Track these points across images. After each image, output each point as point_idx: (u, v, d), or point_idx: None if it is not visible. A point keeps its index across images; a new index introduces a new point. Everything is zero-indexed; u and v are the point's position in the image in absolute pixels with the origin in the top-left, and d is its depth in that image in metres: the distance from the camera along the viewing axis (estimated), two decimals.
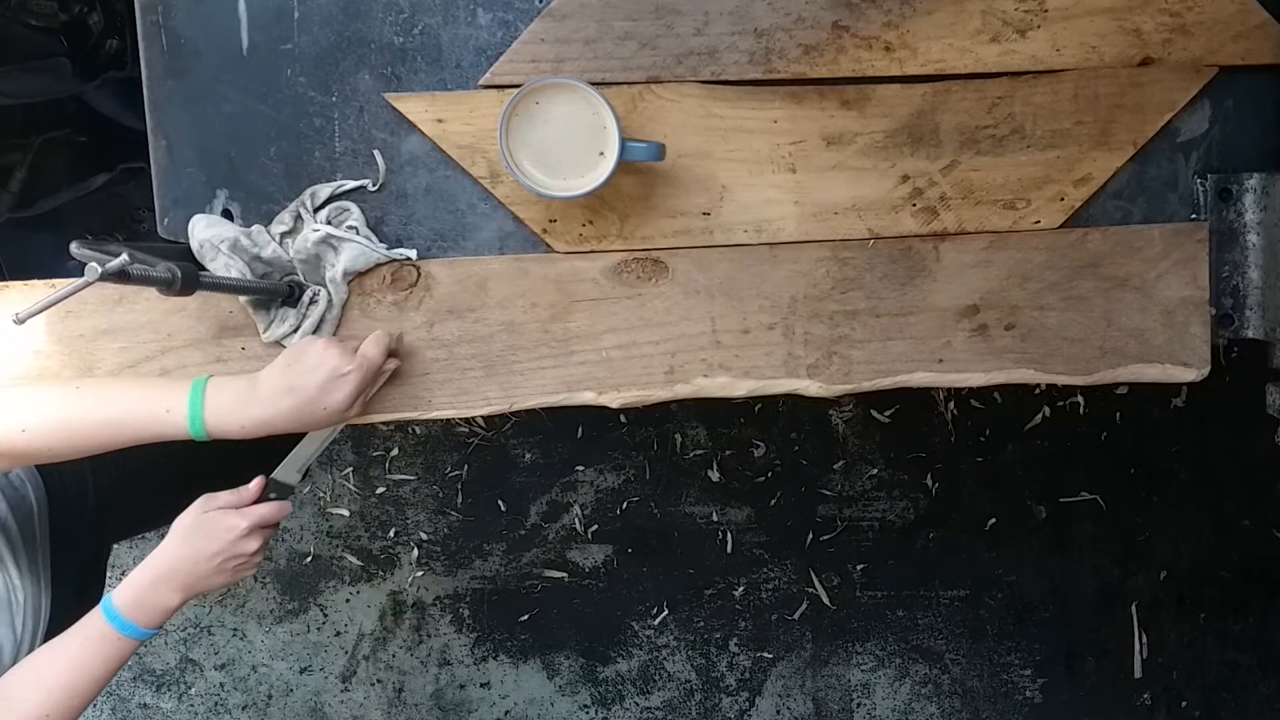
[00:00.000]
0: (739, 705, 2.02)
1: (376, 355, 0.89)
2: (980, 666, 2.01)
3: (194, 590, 0.92)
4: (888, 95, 0.96)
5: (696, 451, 1.97)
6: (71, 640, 0.91)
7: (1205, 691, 2.00)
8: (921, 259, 0.98)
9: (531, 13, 0.95)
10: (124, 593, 0.91)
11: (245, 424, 0.86)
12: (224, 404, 0.86)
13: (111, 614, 0.90)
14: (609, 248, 0.97)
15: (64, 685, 0.89)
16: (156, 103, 0.95)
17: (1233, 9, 0.95)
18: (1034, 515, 1.98)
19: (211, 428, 0.86)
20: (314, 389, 0.86)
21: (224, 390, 0.87)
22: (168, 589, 0.91)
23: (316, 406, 0.86)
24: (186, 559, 0.91)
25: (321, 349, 0.87)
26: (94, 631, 0.90)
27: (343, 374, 0.86)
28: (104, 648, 0.90)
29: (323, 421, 0.88)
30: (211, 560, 0.91)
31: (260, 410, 0.86)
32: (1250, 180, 0.97)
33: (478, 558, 2.00)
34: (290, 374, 0.86)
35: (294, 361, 0.87)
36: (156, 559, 0.91)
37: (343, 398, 0.87)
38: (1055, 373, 0.99)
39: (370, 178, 0.96)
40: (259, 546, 0.94)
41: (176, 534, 0.92)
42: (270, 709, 2.04)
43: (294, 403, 0.86)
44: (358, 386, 0.87)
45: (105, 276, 0.71)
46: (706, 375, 0.98)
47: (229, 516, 0.92)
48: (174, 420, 0.86)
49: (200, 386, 0.87)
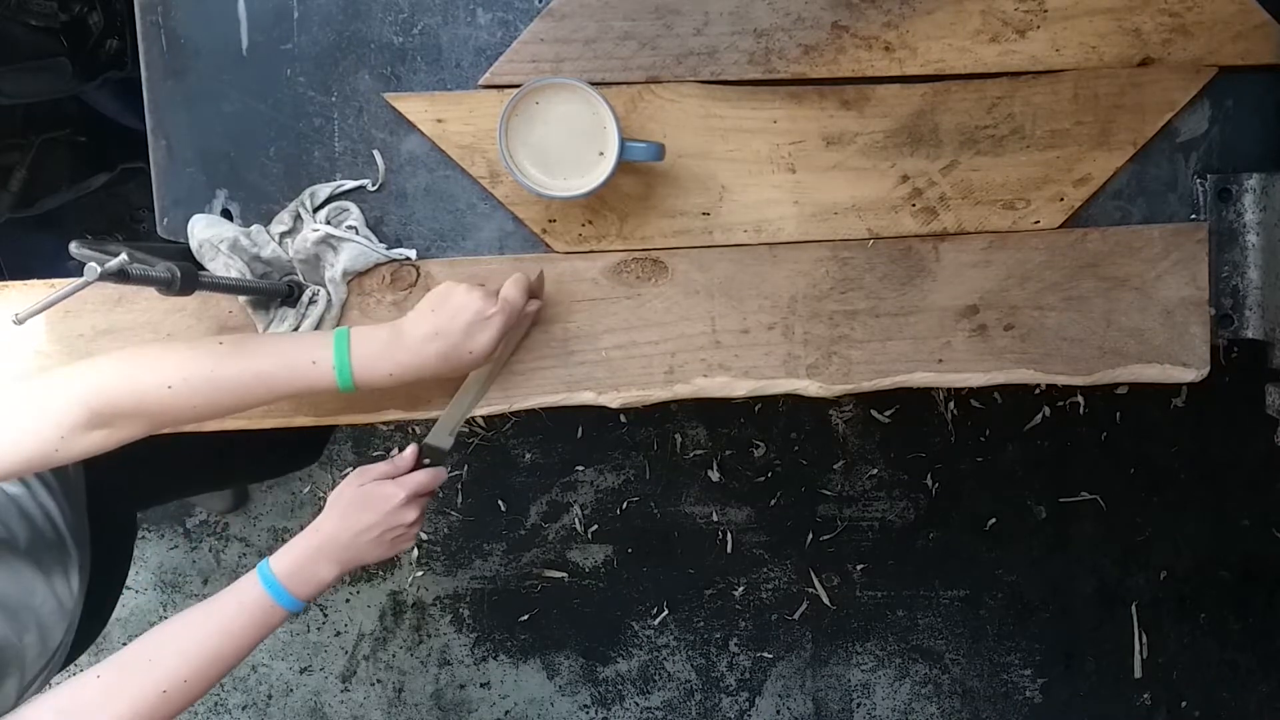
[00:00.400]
0: (739, 705, 2.02)
1: (518, 297, 0.89)
2: (980, 666, 2.01)
3: (352, 563, 0.91)
4: (887, 95, 0.96)
5: (696, 451, 1.97)
6: (223, 605, 0.88)
7: (1205, 691, 2.00)
8: (921, 259, 0.98)
9: (531, 13, 0.95)
10: (283, 561, 0.89)
11: (394, 370, 0.86)
12: (370, 352, 0.86)
13: (270, 582, 0.88)
14: (608, 248, 0.97)
15: (208, 651, 0.86)
16: (156, 103, 0.95)
17: (1233, 9, 0.95)
18: (1034, 515, 1.97)
19: (359, 376, 0.85)
20: (459, 332, 0.86)
21: (369, 338, 0.86)
22: (327, 561, 0.90)
23: (463, 350, 0.86)
24: (346, 532, 0.90)
25: (465, 292, 0.87)
26: (249, 598, 0.88)
27: (487, 316, 0.86)
28: (256, 615, 0.88)
29: (468, 365, 0.88)
30: (371, 532, 0.90)
31: (407, 356, 0.86)
32: (1250, 180, 0.97)
33: (478, 558, 2.00)
34: (435, 318, 0.86)
35: (438, 306, 0.87)
36: (317, 531, 0.90)
37: (488, 340, 0.87)
38: (1055, 373, 0.99)
39: (370, 178, 0.96)
40: (417, 516, 0.93)
41: (335, 507, 0.91)
42: (270, 709, 2.04)
43: (441, 347, 0.86)
44: (502, 328, 0.87)
45: (105, 276, 0.71)
46: (706, 375, 0.98)
47: (386, 486, 0.91)
48: (321, 371, 0.85)
49: (344, 336, 0.86)
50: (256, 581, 0.88)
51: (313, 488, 1.99)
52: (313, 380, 0.85)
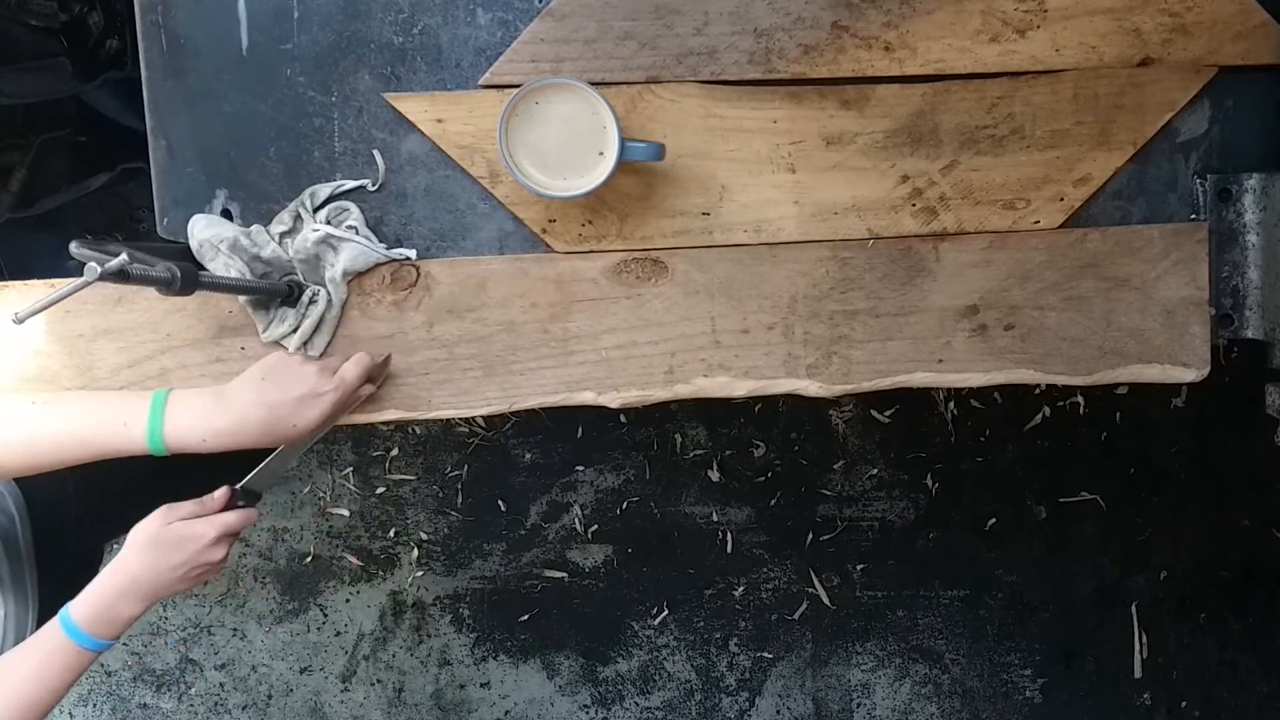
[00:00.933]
0: (739, 705, 2.02)
1: (355, 378, 0.89)
2: (980, 666, 2.01)
3: (155, 599, 0.90)
4: (887, 95, 0.96)
5: (696, 451, 1.97)
6: (29, 653, 0.88)
7: (1205, 691, 2.00)
8: (921, 259, 0.98)
9: (531, 13, 0.95)
10: (83, 606, 0.88)
11: (208, 437, 0.85)
12: (187, 417, 0.85)
13: (70, 628, 0.88)
14: (608, 248, 0.97)
15: (21, 698, 0.86)
16: (156, 103, 0.95)
17: (1233, 9, 0.95)
18: (1034, 515, 1.97)
19: (171, 442, 0.85)
20: (288, 406, 0.85)
21: (187, 403, 0.86)
22: (129, 600, 0.89)
23: (287, 424, 0.86)
24: (149, 569, 0.89)
25: (299, 366, 0.87)
26: (52, 645, 0.88)
27: (319, 394, 0.86)
28: (63, 660, 0.88)
29: (289, 438, 0.87)
30: (176, 570, 0.89)
31: (226, 422, 0.85)
32: (1250, 180, 0.97)
33: (478, 558, 2.00)
34: (264, 388, 0.86)
35: (268, 375, 0.87)
36: (118, 571, 0.89)
37: (315, 416, 0.86)
38: (1055, 373, 0.99)
39: (370, 177, 0.96)
40: (225, 554, 0.92)
41: (138, 545, 0.89)
42: (270, 709, 2.04)
43: (264, 416, 0.85)
44: (332, 408, 0.87)
45: (105, 276, 0.71)
46: (706, 375, 0.98)
47: (195, 525, 0.90)
48: (132, 434, 0.85)
49: (161, 399, 0.86)
50: (58, 628, 0.88)
51: (312, 487, 1.99)
52: (123, 442, 0.85)
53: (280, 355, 0.90)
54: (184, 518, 0.91)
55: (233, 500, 0.95)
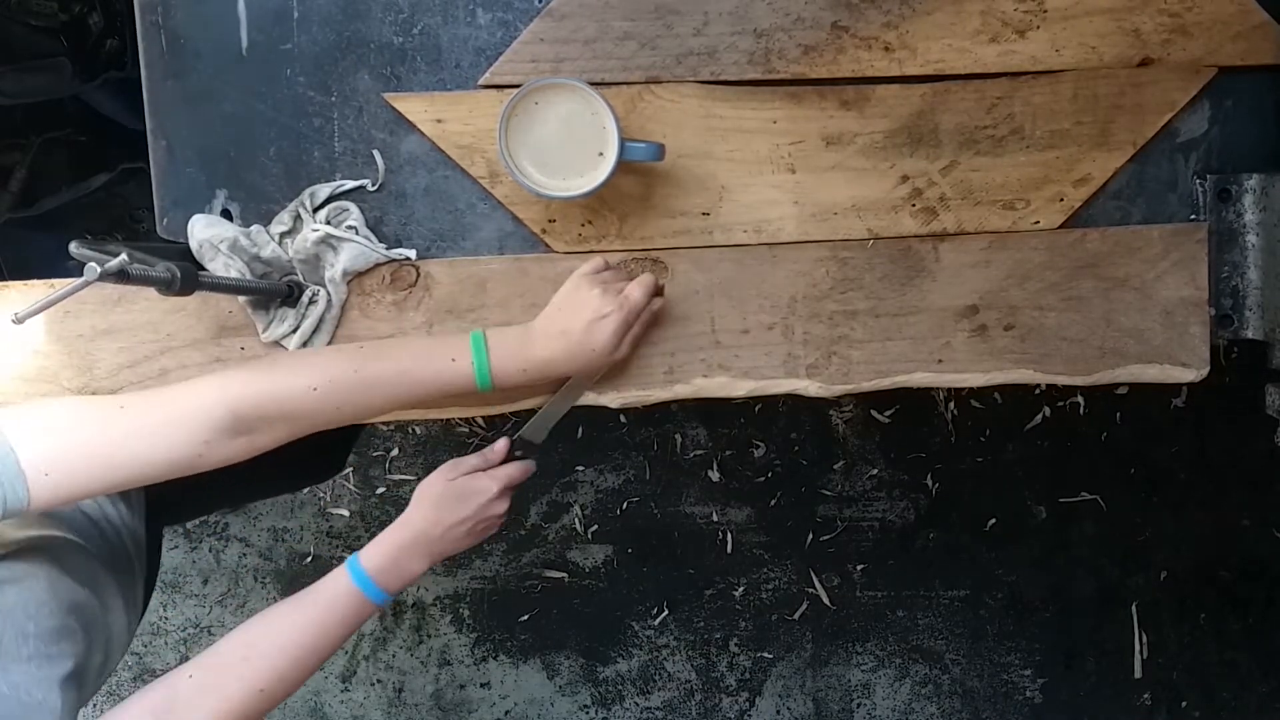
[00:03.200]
0: (739, 705, 2.02)
1: (640, 297, 0.90)
2: (980, 666, 2.01)
3: (441, 555, 0.92)
4: (887, 95, 0.96)
5: (696, 451, 1.97)
6: (315, 600, 0.88)
7: (1205, 691, 2.00)
8: (921, 259, 0.98)
9: (531, 13, 0.95)
10: (374, 557, 0.90)
11: (527, 366, 0.89)
12: (506, 350, 0.88)
13: (361, 577, 0.89)
14: (608, 248, 0.97)
15: (303, 646, 0.86)
16: (156, 103, 0.95)
17: (1232, 9, 0.95)
18: (1034, 515, 1.97)
19: (497, 374, 0.88)
20: (579, 330, 0.88)
21: (503, 338, 0.89)
22: (417, 555, 0.91)
23: (585, 347, 0.89)
24: (437, 524, 0.91)
25: (587, 289, 0.89)
26: (340, 593, 0.89)
27: (604, 315, 0.88)
28: (349, 610, 0.89)
29: (595, 360, 0.90)
30: (464, 525, 0.92)
31: (539, 351, 0.89)
32: (1250, 181, 0.97)
33: (478, 558, 2.00)
34: (559, 317, 0.89)
35: (563, 304, 0.90)
36: (408, 525, 0.91)
37: (606, 338, 0.88)
38: (1055, 373, 0.99)
39: (369, 178, 0.96)
40: (506, 508, 0.94)
41: (426, 501, 0.91)
42: None
43: (566, 344, 0.88)
44: (619, 327, 0.89)
45: (104, 276, 0.71)
46: (706, 375, 0.98)
47: (478, 480, 0.93)
48: (460, 369, 0.87)
49: (480, 337, 0.89)
50: (347, 577, 0.89)
51: (312, 488, 1.99)
52: (452, 378, 0.88)
53: (574, 279, 0.91)
54: (467, 472, 0.93)
55: (511, 452, 0.97)
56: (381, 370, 0.87)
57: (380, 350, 0.89)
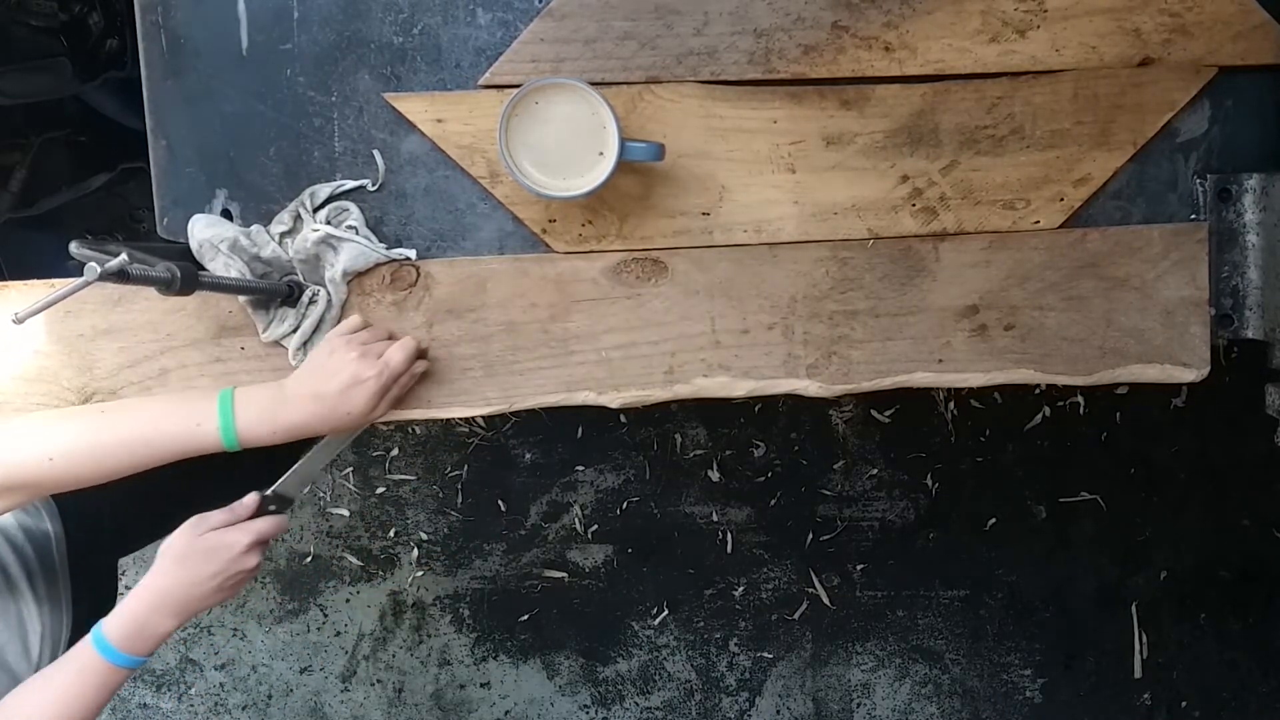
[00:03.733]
0: (739, 705, 2.02)
1: (400, 361, 0.89)
2: (980, 666, 2.01)
3: (190, 613, 0.90)
4: (887, 95, 0.96)
5: (696, 451, 1.97)
6: (63, 671, 0.88)
7: (1205, 691, 2.00)
8: (921, 259, 0.98)
9: (531, 13, 0.95)
10: (116, 624, 0.88)
11: (276, 429, 0.87)
12: (254, 412, 0.86)
13: (103, 645, 0.88)
14: (608, 248, 0.97)
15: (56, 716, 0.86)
16: (156, 103, 0.95)
17: (1233, 9, 0.95)
18: (1034, 515, 1.97)
19: (244, 436, 0.86)
20: (334, 395, 0.86)
21: (252, 398, 0.87)
22: (163, 616, 0.89)
23: (340, 411, 0.87)
24: (183, 583, 0.89)
25: (342, 355, 0.88)
26: (86, 663, 0.88)
27: (361, 380, 0.87)
28: (96, 678, 0.88)
29: (349, 424, 0.89)
30: (211, 581, 0.89)
31: (289, 414, 0.87)
32: (1250, 180, 0.97)
33: (478, 558, 2.00)
34: (314, 380, 0.87)
35: (318, 367, 0.88)
36: (150, 587, 0.89)
37: (363, 403, 0.87)
38: (1055, 373, 0.99)
39: (370, 178, 0.96)
40: (258, 563, 0.92)
41: (170, 559, 0.89)
42: (270, 709, 2.04)
43: (319, 408, 0.87)
44: (377, 392, 0.88)
45: (105, 276, 0.71)
46: (706, 375, 0.98)
47: (228, 534, 0.90)
48: (205, 433, 0.86)
49: (228, 397, 0.87)
50: (90, 647, 0.88)
51: (312, 487, 1.99)
52: (197, 441, 0.86)
53: (329, 341, 0.90)
54: (214, 528, 0.91)
55: (263, 506, 0.95)
56: (122, 438, 0.85)
57: (122, 416, 0.86)
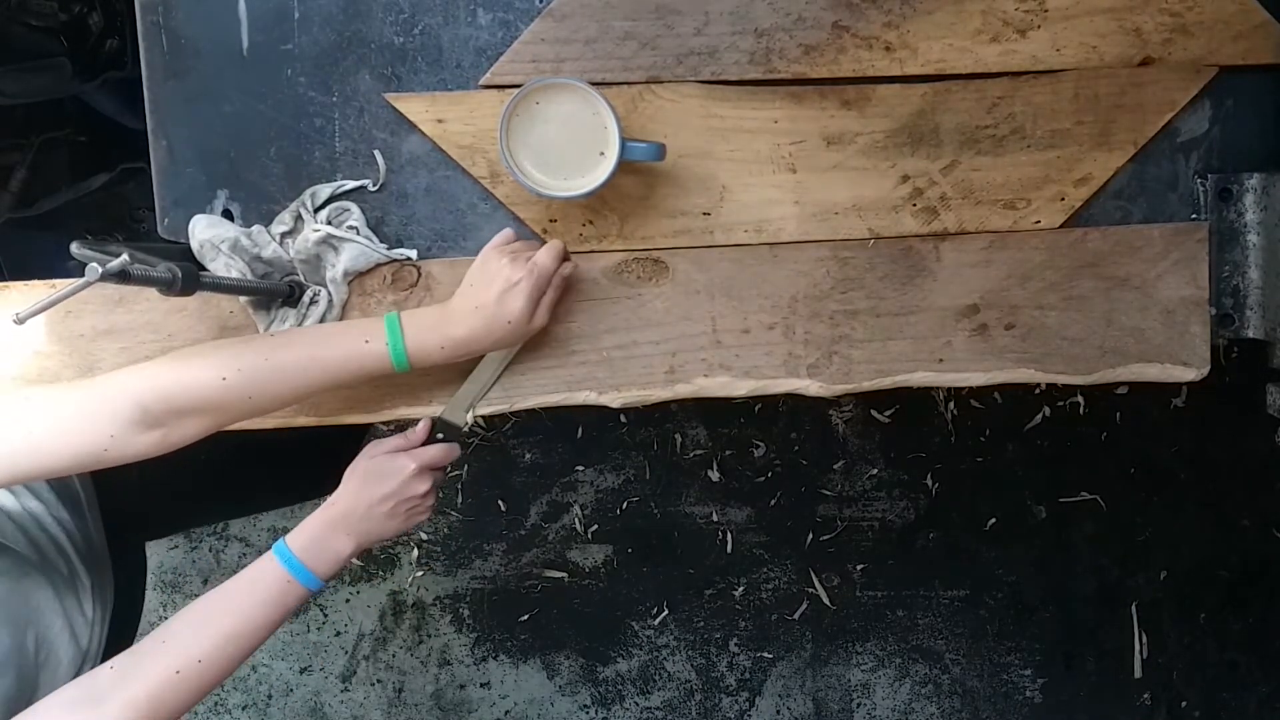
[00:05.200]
0: (739, 705, 2.02)
1: (548, 262, 0.90)
2: (980, 666, 2.01)
3: (367, 536, 0.91)
4: (888, 95, 0.96)
5: (696, 451, 1.97)
6: (239, 584, 0.87)
7: (1205, 691, 2.00)
8: (921, 259, 0.98)
9: (531, 13, 0.95)
10: (299, 537, 0.89)
11: (445, 344, 0.88)
12: (421, 329, 0.87)
13: (287, 558, 0.88)
14: (609, 248, 0.97)
15: (224, 630, 0.85)
16: (156, 103, 0.95)
17: (1233, 9, 0.95)
18: (1034, 515, 1.97)
19: (413, 352, 0.87)
20: (493, 302, 0.87)
21: (418, 318, 0.88)
22: (343, 534, 0.90)
23: (500, 319, 0.88)
24: (360, 503, 0.90)
25: (495, 260, 0.88)
26: (266, 575, 0.87)
27: (514, 283, 0.87)
28: (273, 592, 0.87)
29: (513, 331, 0.89)
30: (384, 503, 0.91)
31: (455, 329, 0.88)
32: (1250, 180, 0.97)
33: (478, 558, 2.00)
34: (472, 292, 0.88)
35: (474, 279, 0.89)
36: (330, 505, 0.91)
37: (520, 306, 0.88)
38: (1055, 372, 0.99)
39: (370, 178, 0.96)
40: (429, 488, 0.93)
41: (350, 478, 0.92)
42: (270, 709, 2.04)
43: (482, 318, 0.87)
44: (530, 293, 0.88)
45: (105, 276, 0.71)
46: (706, 375, 0.98)
47: (398, 458, 0.92)
48: (374, 351, 0.86)
49: (395, 318, 0.88)
50: (272, 558, 0.88)
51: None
52: (367, 360, 0.87)
53: (485, 252, 0.90)
54: (388, 451, 0.93)
55: (433, 433, 0.96)
56: (291, 356, 0.86)
57: (291, 337, 0.87)
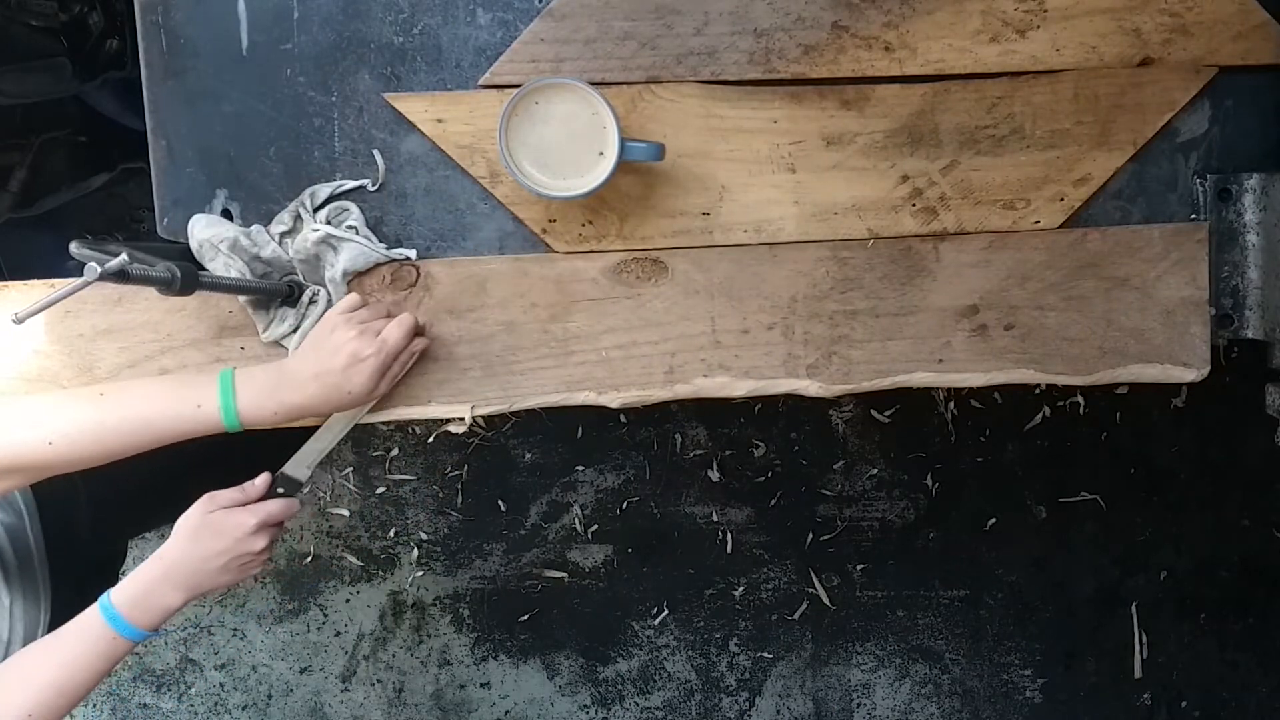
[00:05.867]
0: (739, 705, 2.02)
1: (399, 338, 0.89)
2: (980, 666, 2.01)
3: (198, 590, 0.90)
4: (888, 95, 0.96)
5: (696, 451, 1.97)
6: (65, 638, 0.87)
7: (1205, 691, 2.00)
8: (921, 259, 0.98)
9: (531, 13, 0.95)
10: (124, 592, 0.88)
11: (278, 410, 0.87)
12: (255, 393, 0.86)
13: (110, 613, 0.87)
14: (609, 248, 0.97)
15: (52, 683, 0.85)
16: (156, 103, 0.95)
17: (1233, 9, 0.95)
18: (1034, 515, 1.97)
19: (245, 417, 0.86)
20: (335, 374, 0.86)
21: (253, 379, 0.87)
22: (171, 589, 0.89)
23: (341, 391, 0.87)
24: (192, 558, 0.89)
25: (342, 333, 0.88)
26: (90, 630, 0.87)
27: (361, 359, 0.87)
28: (99, 647, 0.87)
29: (350, 403, 0.89)
30: (218, 559, 0.89)
31: (291, 395, 0.87)
32: (1250, 180, 0.97)
33: (478, 558, 2.00)
34: (314, 359, 0.87)
35: (318, 346, 0.88)
36: (160, 558, 0.89)
37: (363, 381, 0.87)
38: (1055, 373, 0.99)
39: (370, 178, 0.96)
40: (266, 545, 0.92)
41: (181, 533, 0.90)
42: (270, 709, 2.04)
43: (320, 388, 0.87)
44: (376, 370, 0.88)
45: (105, 276, 0.71)
46: (706, 375, 0.98)
47: (235, 514, 0.90)
48: (206, 414, 0.86)
49: (229, 378, 0.87)
50: (97, 614, 0.88)
51: (312, 487, 1.99)
52: (197, 423, 0.86)
53: (329, 319, 0.90)
54: (224, 506, 0.91)
55: (273, 488, 0.95)
56: (121, 421, 0.85)
57: (123, 400, 0.86)
